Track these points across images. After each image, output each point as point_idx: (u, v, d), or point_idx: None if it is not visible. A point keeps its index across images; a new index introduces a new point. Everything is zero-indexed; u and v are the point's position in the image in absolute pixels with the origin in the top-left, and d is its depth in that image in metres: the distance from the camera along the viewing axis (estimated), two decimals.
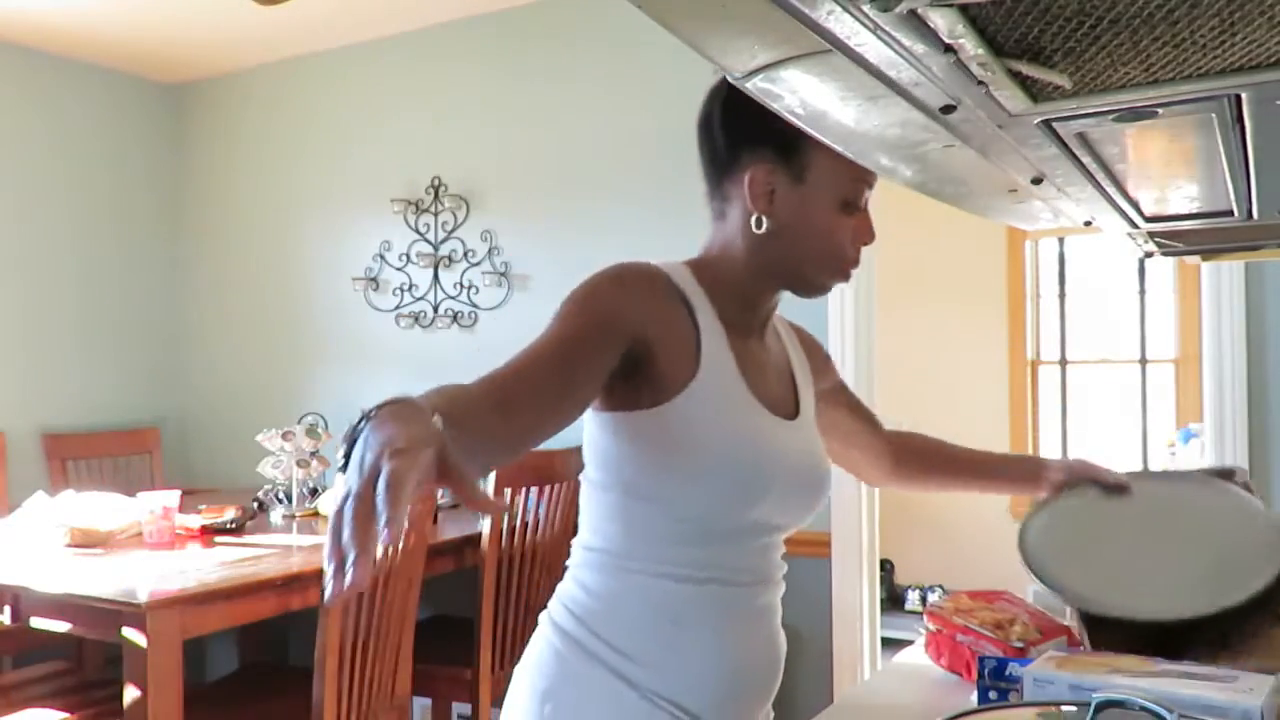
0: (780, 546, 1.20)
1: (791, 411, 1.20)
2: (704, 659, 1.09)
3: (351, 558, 0.65)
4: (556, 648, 1.12)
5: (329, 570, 0.67)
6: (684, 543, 1.08)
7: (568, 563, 1.15)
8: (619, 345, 1.02)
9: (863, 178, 1.11)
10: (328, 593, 0.66)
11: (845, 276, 1.16)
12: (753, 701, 1.15)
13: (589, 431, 1.12)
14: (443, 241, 3.54)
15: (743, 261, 1.15)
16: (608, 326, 1.02)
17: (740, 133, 1.14)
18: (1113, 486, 1.34)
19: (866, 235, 1.14)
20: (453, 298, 3.52)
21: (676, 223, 3.03)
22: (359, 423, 0.74)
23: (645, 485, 1.08)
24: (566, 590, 1.14)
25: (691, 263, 1.18)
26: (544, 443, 0.96)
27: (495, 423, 0.88)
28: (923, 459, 1.49)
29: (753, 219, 1.12)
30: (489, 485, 2.63)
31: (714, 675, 1.10)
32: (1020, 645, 1.31)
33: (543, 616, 1.16)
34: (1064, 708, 0.83)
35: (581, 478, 1.15)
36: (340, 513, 0.67)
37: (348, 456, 0.72)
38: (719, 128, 1.15)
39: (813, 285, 1.16)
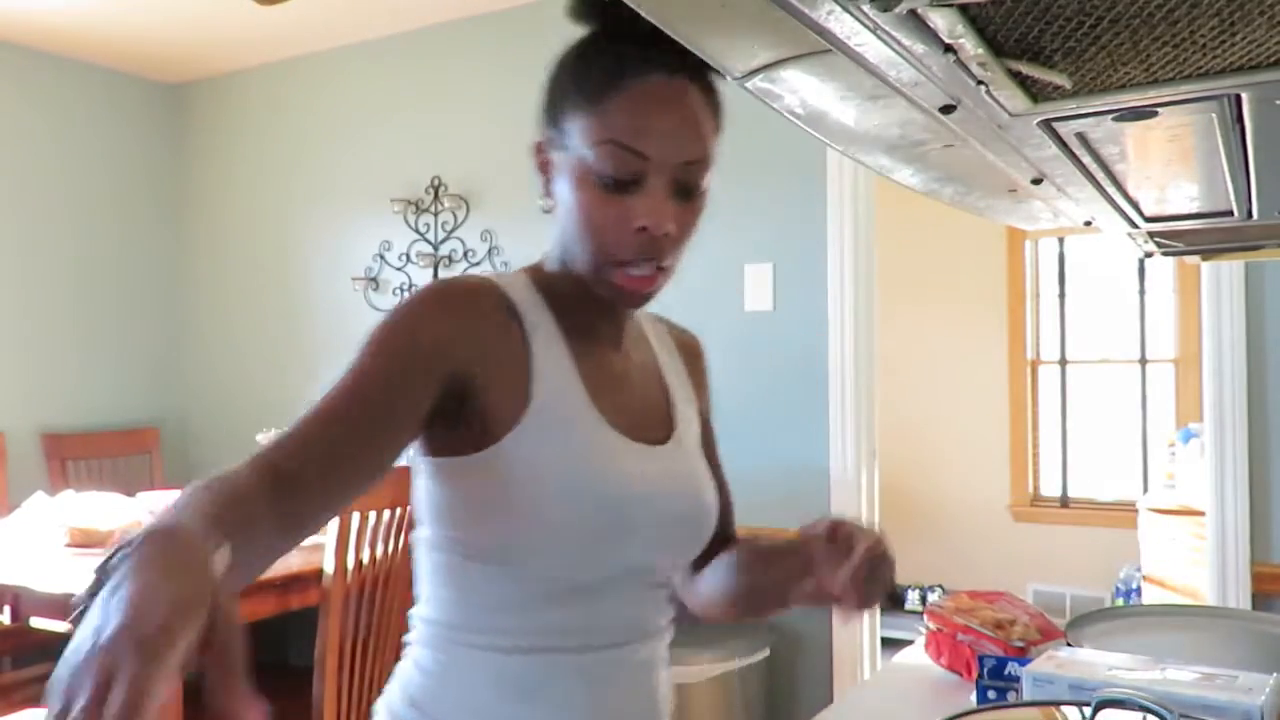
0: (662, 592, 1.00)
1: (661, 434, 1.00)
2: None
3: None
4: None
5: None
6: (532, 608, 0.90)
7: (406, 637, 0.97)
8: (432, 386, 0.86)
9: (622, 141, 0.88)
10: None
11: (622, 275, 0.91)
12: None
13: (417, 480, 0.94)
14: (443, 241, 3.54)
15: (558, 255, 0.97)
16: (415, 365, 0.86)
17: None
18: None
19: (640, 218, 0.88)
20: None
21: None
22: (115, 554, 0.56)
23: (481, 543, 0.90)
24: (403, 670, 0.96)
25: (532, 267, 1.01)
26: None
27: (282, 520, 0.74)
28: (734, 554, 1.11)
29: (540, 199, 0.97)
30: None
31: None
32: (1020, 645, 1.31)
33: (379, 703, 0.98)
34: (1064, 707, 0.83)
35: (413, 535, 0.97)
36: (64, 691, 0.48)
37: (93, 595, 0.53)
38: None
39: (594, 282, 0.93)
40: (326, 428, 0.81)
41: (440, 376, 0.86)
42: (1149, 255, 1.26)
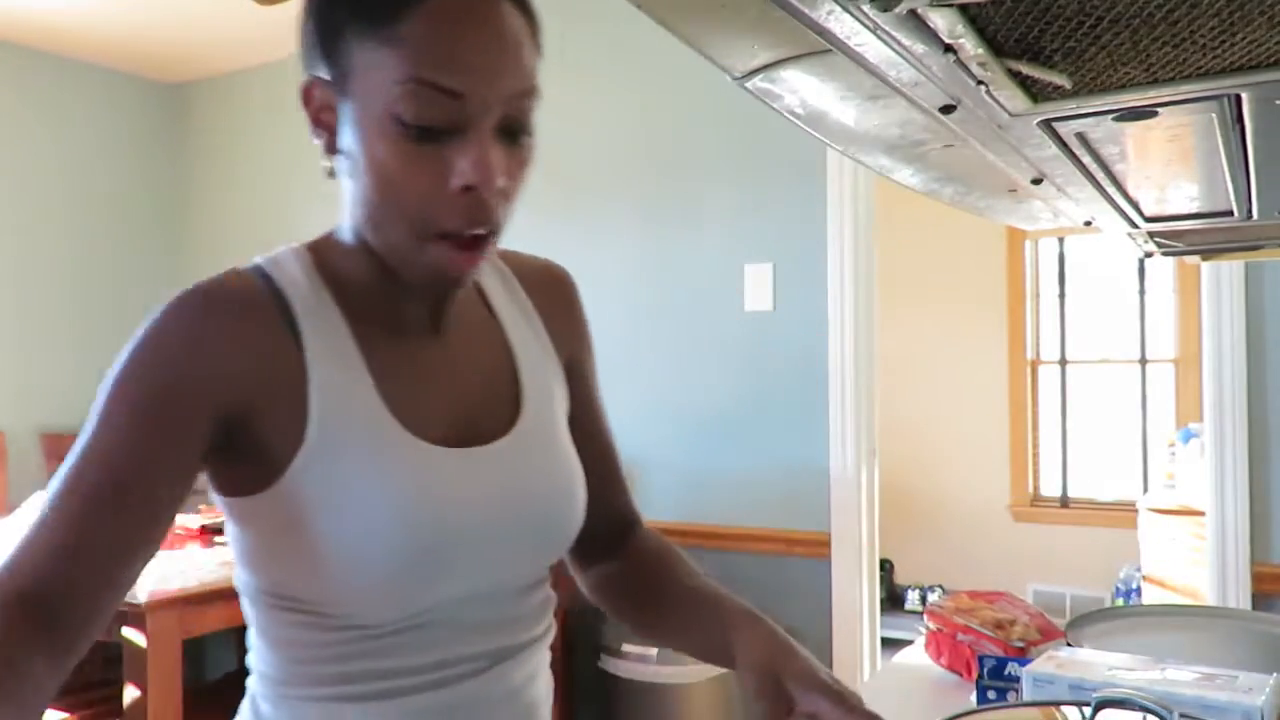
0: (528, 602, 0.85)
1: (501, 425, 0.83)
2: None
3: None
4: None
5: None
6: (356, 656, 0.76)
7: (247, 681, 0.84)
8: (194, 434, 0.71)
9: (430, 78, 0.69)
10: None
11: (444, 251, 0.73)
12: None
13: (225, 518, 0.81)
14: None
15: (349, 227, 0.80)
16: (169, 416, 0.70)
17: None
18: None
19: (464, 174, 0.71)
20: None
21: (676, 222, 3.03)
22: None
23: (282, 591, 0.76)
24: (243, 716, 0.84)
25: (317, 243, 0.83)
26: None
27: (54, 655, 0.65)
28: (654, 565, 0.95)
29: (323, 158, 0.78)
30: None
31: None
32: (1020, 645, 1.31)
33: None
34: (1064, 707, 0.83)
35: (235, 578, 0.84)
36: None
37: None
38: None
39: (407, 263, 0.76)
40: (79, 525, 0.67)
41: (203, 420, 0.71)
42: (1149, 255, 1.27)
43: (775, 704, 0.75)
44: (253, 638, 0.81)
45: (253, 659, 0.82)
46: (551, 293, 0.94)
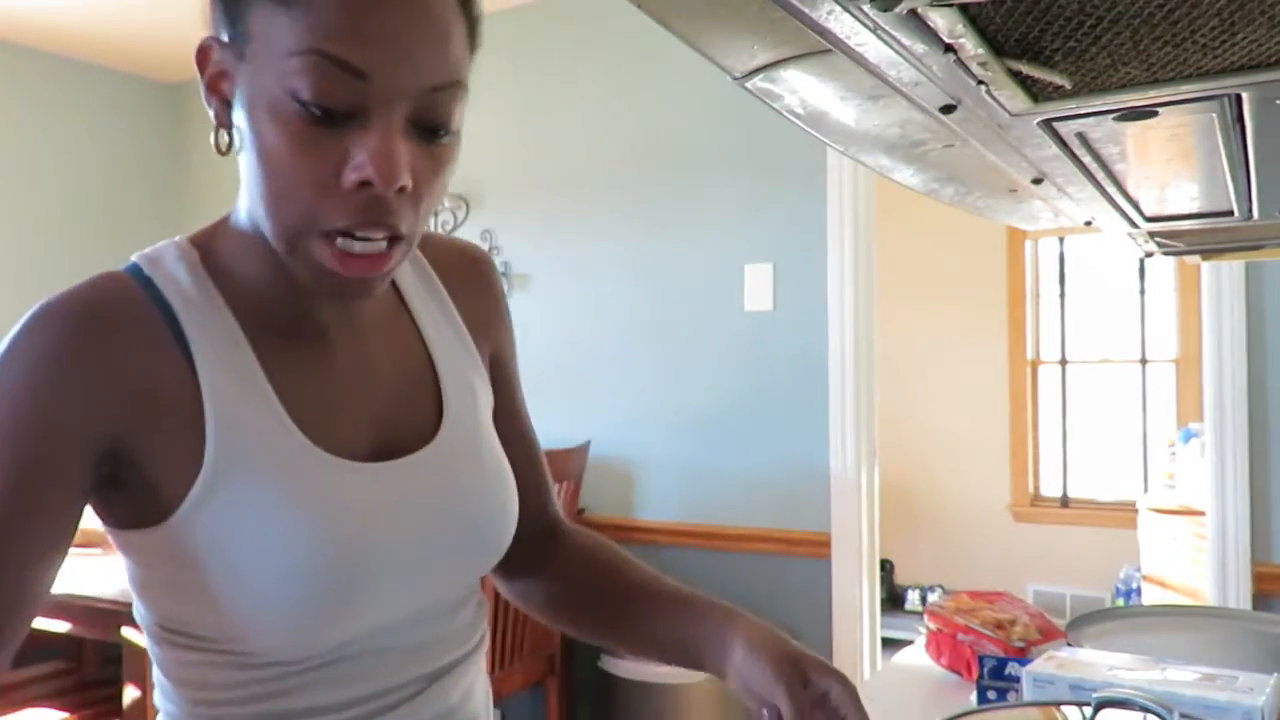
0: (457, 618, 0.79)
1: (423, 431, 0.76)
2: None
3: None
4: None
5: None
6: (270, 695, 0.70)
7: None
8: (67, 475, 0.65)
9: (331, 52, 0.61)
10: None
11: (331, 250, 0.64)
12: None
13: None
14: None
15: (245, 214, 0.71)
16: (32, 459, 0.63)
17: None
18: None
19: (360, 167, 0.62)
20: None
21: (676, 222, 3.03)
22: None
23: (189, 625, 0.70)
24: None
25: (206, 233, 0.75)
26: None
27: None
28: (600, 564, 0.91)
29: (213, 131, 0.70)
30: None
31: None
32: (1020, 645, 1.31)
33: None
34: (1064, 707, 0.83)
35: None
36: None
37: None
38: None
39: (291, 262, 0.67)
40: None
41: (76, 458, 0.64)
42: (1149, 255, 1.27)
43: (796, 686, 0.74)
44: (157, 675, 0.74)
45: (159, 698, 0.75)
46: (470, 279, 0.85)
